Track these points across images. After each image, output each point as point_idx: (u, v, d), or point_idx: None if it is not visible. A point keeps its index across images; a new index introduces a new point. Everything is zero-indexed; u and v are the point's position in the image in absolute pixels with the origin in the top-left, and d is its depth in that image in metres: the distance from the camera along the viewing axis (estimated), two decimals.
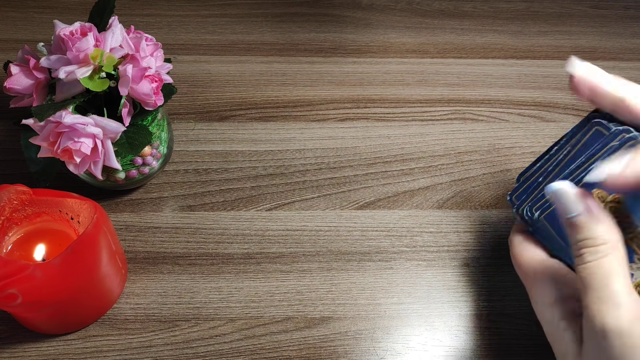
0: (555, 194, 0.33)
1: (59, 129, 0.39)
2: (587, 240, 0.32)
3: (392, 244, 0.47)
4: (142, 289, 0.44)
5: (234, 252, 0.46)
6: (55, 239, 0.41)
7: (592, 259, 0.31)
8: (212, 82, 0.58)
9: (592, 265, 0.31)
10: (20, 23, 0.62)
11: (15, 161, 0.50)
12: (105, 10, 0.45)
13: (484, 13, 0.68)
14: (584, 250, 0.31)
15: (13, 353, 0.40)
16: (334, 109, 0.57)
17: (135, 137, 0.42)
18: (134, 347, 0.41)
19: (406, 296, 0.45)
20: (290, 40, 0.63)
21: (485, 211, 0.50)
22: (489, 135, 0.56)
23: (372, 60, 0.62)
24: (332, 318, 0.43)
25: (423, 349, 0.42)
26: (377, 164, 0.53)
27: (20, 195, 0.39)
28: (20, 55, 0.43)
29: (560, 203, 0.33)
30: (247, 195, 0.50)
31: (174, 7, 0.65)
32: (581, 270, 0.31)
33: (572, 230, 0.33)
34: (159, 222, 0.48)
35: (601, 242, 0.31)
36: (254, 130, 0.54)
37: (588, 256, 0.31)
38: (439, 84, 0.60)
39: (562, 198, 0.33)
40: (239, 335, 0.42)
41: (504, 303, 0.45)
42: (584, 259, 0.31)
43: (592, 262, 0.31)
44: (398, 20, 0.66)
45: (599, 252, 0.31)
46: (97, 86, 0.40)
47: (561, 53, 0.64)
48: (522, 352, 0.42)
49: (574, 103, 0.59)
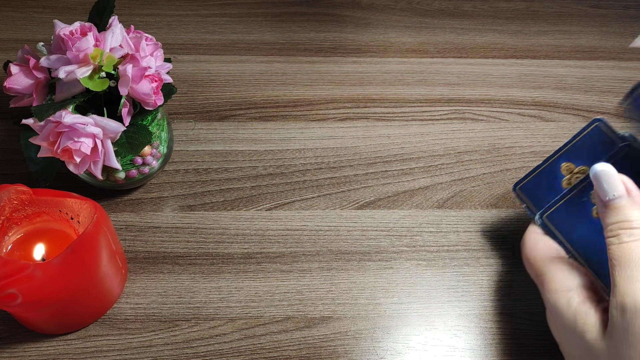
0: (598, 174, 0.35)
1: (59, 128, 0.39)
2: (626, 222, 0.33)
3: (392, 243, 0.47)
4: (142, 288, 0.44)
5: (234, 252, 0.46)
6: (55, 239, 0.41)
7: (629, 240, 0.33)
8: (212, 82, 0.58)
9: (628, 245, 0.33)
10: (20, 23, 0.62)
11: (15, 161, 0.50)
12: (105, 10, 0.45)
13: (483, 13, 0.68)
14: (621, 231, 0.33)
15: (13, 353, 0.40)
16: (333, 109, 0.57)
17: (135, 137, 0.42)
18: (134, 347, 0.41)
19: (406, 296, 0.45)
20: (290, 39, 0.63)
21: (485, 211, 0.50)
22: (489, 135, 0.56)
23: (372, 59, 0.62)
24: (332, 318, 0.43)
25: (423, 348, 0.42)
26: (377, 163, 0.53)
27: (20, 195, 0.39)
28: (20, 55, 0.43)
29: (601, 184, 0.34)
30: (247, 195, 0.50)
31: (174, 7, 0.65)
32: (616, 249, 0.33)
33: (610, 212, 0.34)
34: (159, 222, 0.47)
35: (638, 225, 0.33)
36: (254, 130, 0.54)
37: (625, 237, 0.33)
38: (439, 84, 0.60)
39: (604, 179, 0.34)
40: (239, 335, 0.42)
41: (504, 303, 0.45)
42: (621, 239, 0.33)
43: (629, 243, 0.33)
44: (398, 19, 0.66)
45: (636, 234, 0.33)
46: (97, 86, 0.40)
47: (561, 53, 0.64)
48: (522, 352, 0.42)
49: (574, 103, 0.59)
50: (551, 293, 0.37)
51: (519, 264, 0.47)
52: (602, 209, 0.35)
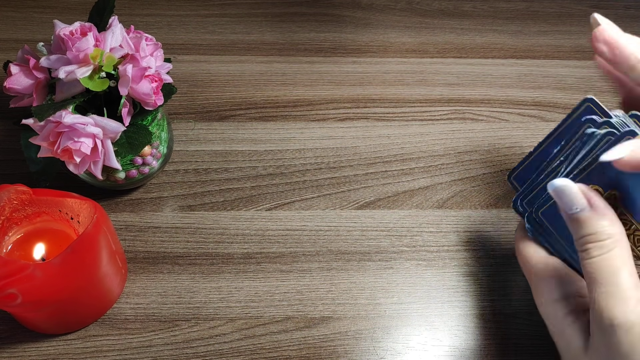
0: (557, 190, 0.33)
1: (59, 128, 0.39)
2: (592, 235, 0.32)
3: (392, 243, 0.47)
4: (142, 288, 0.44)
5: (234, 252, 0.46)
6: (55, 238, 0.41)
7: (598, 254, 0.31)
8: (212, 82, 0.58)
9: (598, 260, 0.31)
10: (20, 23, 0.62)
11: (15, 161, 0.50)
12: (105, 10, 0.45)
13: (483, 13, 0.68)
14: (589, 246, 0.32)
15: (13, 353, 0.40)
16: (333, 109, 0.57)
17: (135, 137, 0.42)
18: (134, 347, 0.41)
19: (406, 296, 0.45)
20: (290, 40, 0.63)
21: (485, 211, 0.50)
22: (489, 135, 0.56)
23: (372, 60, 0.62)
24: (332, 318, 0.43)
25: (423, 348, 0.42)
26: (377, 163, 0.53)
27: (20, 195, 0.39)
28: (20, 55, 0.43)
29: (562, 199, 0.33)
30: (247, 195, 0.50)
31: (174, 7, 0.65)
32: (587, 265, 0.32)
33: (575, 225, 0.33)
34: (159, 222, 0.48)
35: (606, 236, 0.31)
36: (254, 130, 0.54)
37: (593, 251, 0.31)
38: (439, 84, 0.60)
39: (564, 193, 0.33)
40: (238, 335, 0.42)
41: (504, 303, 0.45)
42: (590, 254, 0.31)
43: (598, 257, 0.31)
44: (398, 20, 0.66)
45: (604, 246, 0.31)
46: (97, 86, 0.40)
47: (561, 53, 0.64)
48: (522, 352, 0.42)
49: (573, 103, 0.59)
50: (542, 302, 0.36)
51: (519, 264, 0.47)
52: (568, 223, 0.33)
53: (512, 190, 0.51)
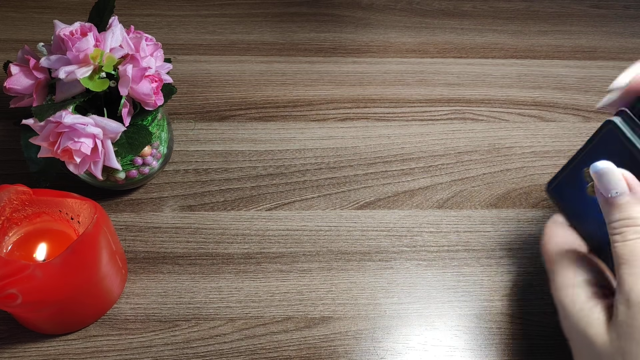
0: (599, 172, 0.34)
1: (59, 129, 0.39)
2: (629, 220, 0.33)
3: (392, 243, 0.47)
4: (142, 289, 0.44)
5: (234, 252, 0.46)
6: (55, 239, 0.41)
7: (634, 237, 0.32)
8: (212, 82, 0.58)
9: (634, 243, 0.32)
10: (20, 23, 0.62)
11: (15, 161, 0.50)
12: (105, 10, 0.45)
13: (483, 13, 0.68)
14: (625, 229, 0.33)
15: (13, 353, 0.40)
16: (333, 109, 0.57)
17: (135, 137, 0.42)
18: (134, 347, 0.41)
19: (406, 296, 0.45)
20: (290, 40, 0.63)
21: (485, 211, 0.50)
22: (489, 135, 0.56)
23: (372, 60, 0.62)
24: (332, 318, 0.43)
25: (423, 349, 0.42)
26: (377, 163, 0.53)
27: (20, 195, 0.39)
28: (20, 55, 0.43)
29: (603, 181, 0.34)
30: (247, 195, 0.50)
31: (174, 7, 0.65)
32: (621, 247, 0.33)
33: (612, 208, 0.34)
34: (159, 222, 0.48)
35: None
36: (254, 130, 0.54)
37: (629, 234, 0.33)
38: (439, 84, 0.60)
39: (606, 177, 0.34)
40: (239, 335, 0.42)
41: (503, 303, 0.45)
42: (626, 237, 0.33)
43: (634, 241, 0.32)
44: (398, 20, 0.66)
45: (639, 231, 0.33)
46: (97, 86, 0.40)
47: (561, 53, 0.64)
48: (522, 352, 0.42)
49: (573, 103, 0.59)
50: (557, 288, 0.37)
51: (519, 264, 0.47)
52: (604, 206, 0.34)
53: (512, 190, 0.51)
